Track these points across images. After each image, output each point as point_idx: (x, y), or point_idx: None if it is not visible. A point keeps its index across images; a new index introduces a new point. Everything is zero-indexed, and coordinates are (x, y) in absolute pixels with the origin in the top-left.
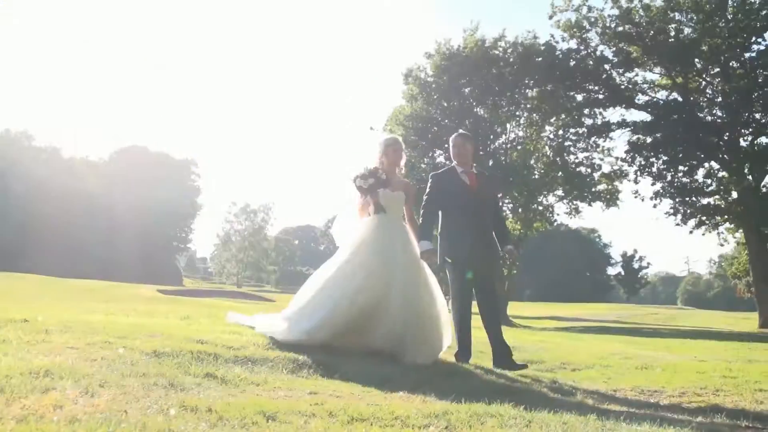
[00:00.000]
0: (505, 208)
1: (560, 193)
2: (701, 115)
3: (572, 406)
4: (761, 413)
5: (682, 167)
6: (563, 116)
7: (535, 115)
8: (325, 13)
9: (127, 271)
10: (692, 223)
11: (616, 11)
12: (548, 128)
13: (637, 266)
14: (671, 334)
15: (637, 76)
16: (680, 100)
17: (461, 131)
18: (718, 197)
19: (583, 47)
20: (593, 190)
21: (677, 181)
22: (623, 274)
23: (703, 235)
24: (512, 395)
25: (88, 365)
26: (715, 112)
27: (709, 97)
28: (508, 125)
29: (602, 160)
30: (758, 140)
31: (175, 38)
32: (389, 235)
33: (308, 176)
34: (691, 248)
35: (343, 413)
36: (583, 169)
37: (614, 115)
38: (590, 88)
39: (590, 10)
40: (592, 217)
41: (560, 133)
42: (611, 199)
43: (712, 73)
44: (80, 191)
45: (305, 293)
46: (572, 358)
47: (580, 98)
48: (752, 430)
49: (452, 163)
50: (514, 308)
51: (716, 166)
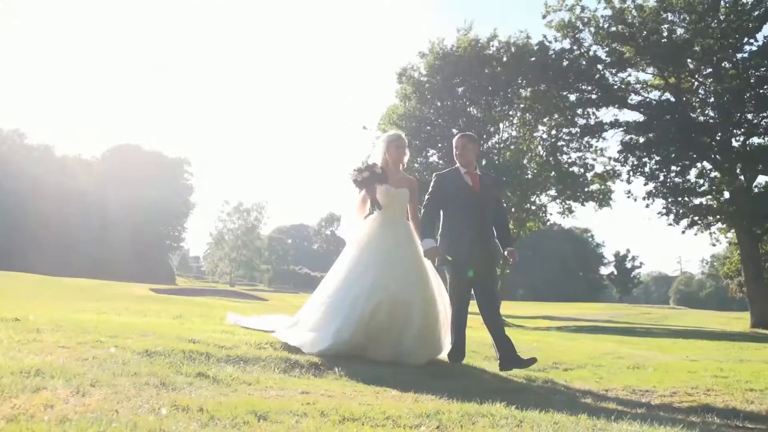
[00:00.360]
0: None
1: (553, 192)
2: (694, 115)
3: (564, 405)
4: (752, 413)
5: (674, 167)
6: (556, 116)
7: (528, 114)
8: (319, 12)
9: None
10: (684, 223)
11: (609, 11)
12: (541, 128)
13: (629, 266)
14: (663, 333)
15: (629, 76)
16: (673, 100)
17: (465, 132)
18: (710, 197)
19: (576, 47)
20: (586, 190)
21: (670, 181)
22: (616, 273)
23: (695, 235)
24: (504, 395)
25: (79, 364)
26: (707, 112)
27: (701, 97)
28: (501, 125)
29: (595, 160)
30: (750, 141)
31: (170, 37)
32: (393, 232)
33: (302, 175)
34: (683, 248)
35: (334, 413)
36: (576, 169)
37: (607, 115)
38: (583, 88)
39: (583, 10)
40: (585, 216)
41: (553, 132)
42: (604, 199)
43: (704, 73)
44: (73, 189)
45: (319, 299)
46: (564, 357)
47: (573, 98)
48: (743, 429)
49: (455, 164)
50: (507, 308)
51: (708, 166)
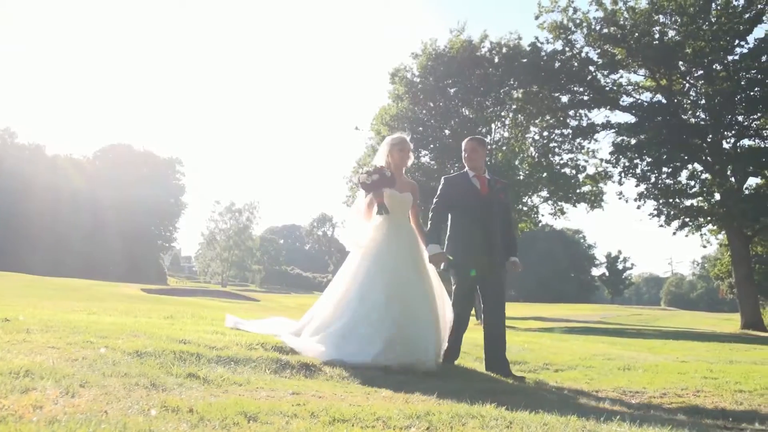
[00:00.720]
0: None
1: (545, 194)
2: (685, 117)
3: (554, 406)
4: (741, 413)
5: (665, 169)
6: (548, 117)
7: (520, 116)
8: (311, 12)
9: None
10: (676, 224)
11: (600, 13)
12: (533, 129)
13: (621, 267)
14: (654, 335)
15: (621, 77)
16: (664, 102)
17: (474, 135)
18: (701, 199)
19: (568, 48)
20: (578, 191)
21: (661, 182)
22: (607, 274)
23: (686, 236)
24: (495, 396)
25: (69, 365)
26: (698, 114)
27: (692, 99)
28: (493, 126)
29: (587, 161)
30: (741, 142)
31: (161, 37)
32: (397, 237)
33: (294, 176)
34: (674, 249)
35: (324, 414)
36: (567, 170)
37: (599, 116)
38: (575, 89)
39: (576, 11)
40: (576, 217)
41: (545, 134)
42: (596, 200)
43: (695, 75)
44: (64, 189)
45: (326, 306)
46: (555, 358)
47: (564, 99)
48: (732, 430)
49: (464, 168)
50: None
51: (699, 167)
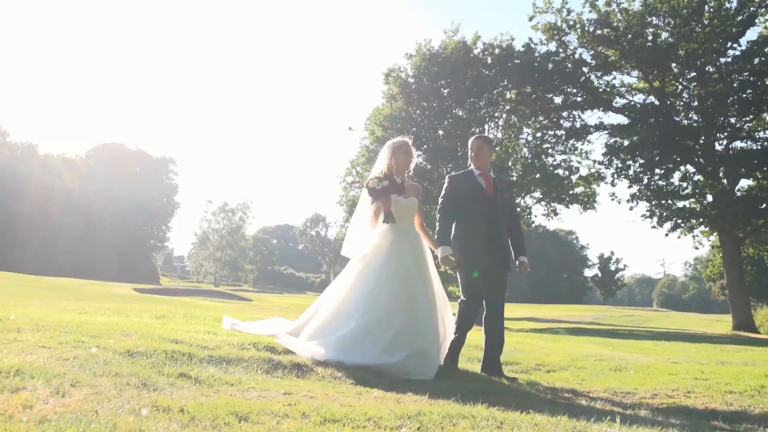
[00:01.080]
0: None
1: (538, 194)
2: (678, 118)
3: (545, 407)
4: (731, 414)
5: (658, 170)
6: (541, 118)
7: (513, 116)
8: (305, 12)
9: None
10: (668, 225)
11: (594, 15)
12: (526, 130)
13: (613, 268)
14: (646, 336)
15: (614, 79)
16: (657, 103)
17: (480, 134)
18: (693, 200)
19: (561, 50)
20: (571, 192)
21: (653, 184)
22: (600, 275)
23: (678, 237)
24: (486, 396)
25: (59, 365)
26: (691, 116)
27: (685, 101)
28: (486, 126)
29: (580, 162)
30: (733, 144)
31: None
32: (402, 245)
33: (287, 176)
34: (667, 250)
35: (316, 414)
36: (560, 171)
37: (592, 117)
38: (568, 90)
39: (569, 13)
40: (569, 218)
41: (538, 135)
42: (588, 201)
43: (688, 77)
44: (56, 188)
45: (325, 309)
46: (547, 359)
47: (558, 101)
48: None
49: (469, 167)
50: None
51: (692, 169)
